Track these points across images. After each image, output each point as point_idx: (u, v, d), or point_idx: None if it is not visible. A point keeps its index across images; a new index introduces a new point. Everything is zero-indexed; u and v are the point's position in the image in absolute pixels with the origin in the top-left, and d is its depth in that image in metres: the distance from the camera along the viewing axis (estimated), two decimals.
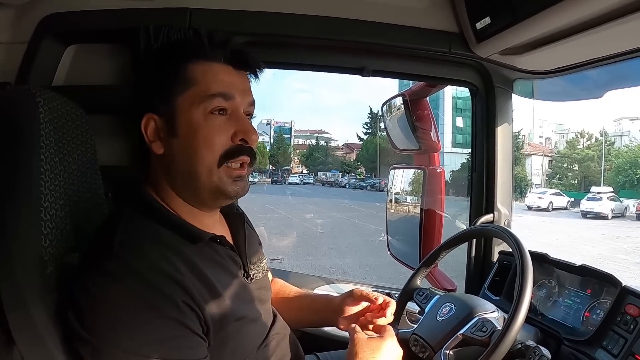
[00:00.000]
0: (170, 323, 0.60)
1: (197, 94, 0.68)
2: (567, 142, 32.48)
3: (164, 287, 0.61)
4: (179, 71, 0.69)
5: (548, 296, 1.10)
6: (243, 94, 0.72)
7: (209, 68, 0.70)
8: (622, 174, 25.28)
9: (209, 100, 0.68)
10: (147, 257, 0.62)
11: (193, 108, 0.68)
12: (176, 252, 0.65)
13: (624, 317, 0.90)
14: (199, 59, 0.70)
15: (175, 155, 0.69)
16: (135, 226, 0.67)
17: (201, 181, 0.69)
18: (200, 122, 0.68)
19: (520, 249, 0.88)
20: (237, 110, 0.71)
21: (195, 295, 0.63)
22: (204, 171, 0.68)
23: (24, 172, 0.67)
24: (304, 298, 1.01)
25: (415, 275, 1.08)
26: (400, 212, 1.77)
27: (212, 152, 0.68)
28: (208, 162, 0.68)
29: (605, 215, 17.33)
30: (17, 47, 1.04)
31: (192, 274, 0.65)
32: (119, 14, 1.04)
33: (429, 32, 1.12)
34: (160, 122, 0.70)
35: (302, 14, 1.09)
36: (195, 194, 0.71)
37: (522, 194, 24.32)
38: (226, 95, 0.69)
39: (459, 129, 29.66)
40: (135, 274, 0.60)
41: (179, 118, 0.68)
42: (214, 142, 0.68)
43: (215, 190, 0.70)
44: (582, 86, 1.22)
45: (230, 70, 0.72)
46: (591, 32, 0.87)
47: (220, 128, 0.69)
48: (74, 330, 0.60)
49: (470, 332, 0.88)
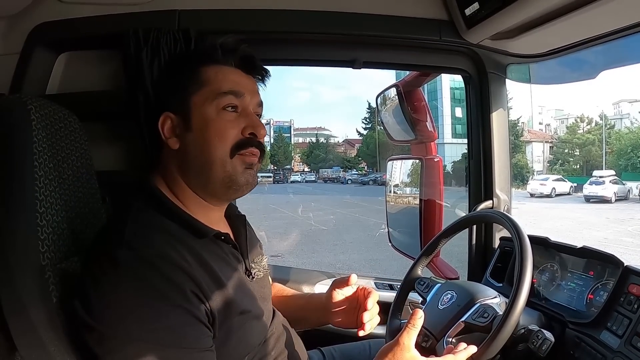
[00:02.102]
0: (179, 311, 0.62)
1: (211, 92, 0.74)
2: (567, 128, 32.36)
3: (174, 276, 0.62)
4: (193, 73, 0.75)
5: (551, 280, 1.10)
6: (252, 94, 0.77)
7: (220, 70, 0.76)
8: (624, 157, 25.17)
9: (222, 97, 0.74)
10: (157, 246, 0.64)
11: (207, 104, 0.73)
12: (183, 244, 0.67)
13: (627, 297, 0.90)
14: (212, 62, 0.76)
15: (190, 149, 0.74)
16: (145, 218, 0.69)
17: (214, 171, 0.73)
18: (213, 117, 0.73)
19: (518, 232, 0.87)
20: (247, 108, 0.76)
21: (203, 285, 0.65)
22: (217, 161, 0.73)
23: (18, 179, 0.67)
24: (299, 298, 1.03)
25: (415, 265, 1.08)
26: (400, 203, 1.77)
27: (224, 143, 0.73)
28: (221, 152, 0.73)
29: (608, 198, 17.26)
30: (9, 58, 1.05)
31: (199, 265, 0.67)
32: (108, 19, 1.05)
33: (418, 21, 1.12)
34: (176, 119, 0.75)
35: (290, 10, 1.09)
36: (207, 185, 0.75)
37: (523, 181, 24.25)
38: (237, 93, 0.75)
39: (458, 120, 29.55)
40: (146, 262, 0.62)
41: (194, 114, 0.74)
42: (226, 134, 0.73)
43: (228, 180, 0.74)
44: (575, 67, 1.22)
45: (240, 72, 0.78)
46: (581, 11, 0.86)
47: (231, 123, 0.74)
48: (80, 319, 0.61)
49: (472, 318, 0.88)
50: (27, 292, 0.63)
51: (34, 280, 0.64)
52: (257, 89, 0.80)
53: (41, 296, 0.64)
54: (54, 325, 0.63)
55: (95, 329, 0.60)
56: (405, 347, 0.74)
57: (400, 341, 0.75)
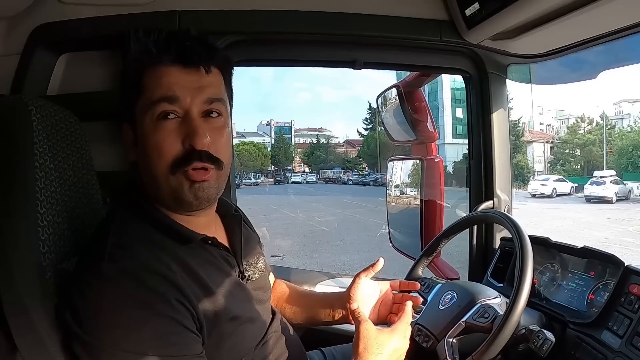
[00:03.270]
0: (165, 321, 0.61)
1: (146, 101, 0.67)
2: (568, 128, 32.27)
3: (157, 286, 0.61)
4: (132, 80, 0.69)
5: (552, 280, 1.10)
6: (193, 93, 0.67)
7: (153, 72, 0.67)
8: (625, 156, 25.11)
9: (154, 106, 0.66)
10: (139, 257, 0.63)
11: (144, 116, 0.67)
12: (167, 252, 0.66)
13: (628, 297, 0.90)
14: (147, 64, 0.68)
15: (140, 163, 0.69)
16: (128, 228, 0.67)
17: (160, 188, 0.68)
18: (150, 130, 0.66)
19: (519, 232, 0.88)
20: (189, 112, 0.67)
21: (188, 293, 0.64)
22: (160, 178, 0.67)
23: (18, 179, 0.67)
24: (312, 295, 1.01)
25: (416, 265, 1.08)
26: (400, 204, 1.77)
27: (162, 159, 0.66)
28: (161, 170, 0.66)
29: (609, 199, 17.22)
30: (10, 59, 1.05)
31: (184, 273, 0.66)
32: (109, 20, 1.05)
33: (419, 22, 1.11)
34: (130, 131, 0.70)
35: (291, 10, 1.09)
36: (162, 199, 0.70)
37: (524, 181, 24.21)
38: (170, 98, 0.66)
39: (459, 120, 29.49)
40: (128, 275, 0.61)
41: (138, 127, 0.68)
42: (162, 148, 0.66)
43: (174, 197, 0.68)
44: (576, 68, 1.21)
45: (177, 70, 0.68)
46: (582, 11, 0.86)
47: (169, 134, 0.66)
48: (71, 331, 0.61)
49: (473, 319, 0.88)
50: (28, 292, 0.63)
51: (34, 280, 0.64)
52: (203, 83, 0.68)
53: (42, 297, 0.64)
54: (54, 325, 0.63)
55: (85, 340, 0.60)
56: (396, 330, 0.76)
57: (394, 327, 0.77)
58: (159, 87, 0.66)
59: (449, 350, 0.86)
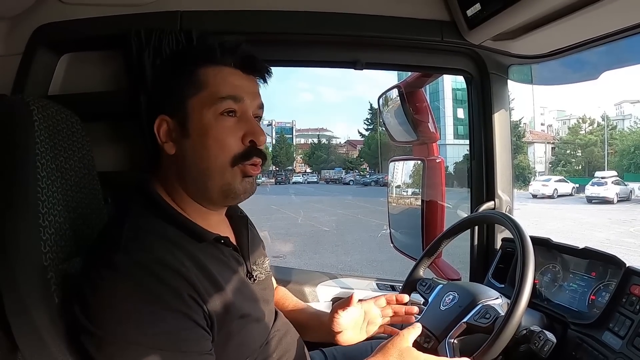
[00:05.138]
0: (177, 315, 0.62)
1: (209, 97, 0.70)
2: (569, 128, 32.27)
3: (171, 281, 0.62)
4: (191, 75, 0.72)
5: (553, 281, 1.09)
6: (252, 97, 0.74)
7: (219, 72, 0.72)
8: (626, 157, 25.05)
9: (220, 102, 0.70)
10: (153, 251, 0.64)
11: (204, 110, 0.70)
12: (181, 248, 0.67)
13: (629, 298, 0.89)
14: (210, 63, 0.72)
15: (187, 155, 0.71)
16: (143, 222, 0.68)
17: (212, 179, 0.71)
18: (211, 124, 0.70)
19: (520, 233, 0.87)
20: (246, 113, 0.73)
21: (200, 289, 0.64)
22: (216, 170, 0.71)
23: (20, 179, 0.68)
24: (300, 313, 0.99)
25: (417, 265, 1.08)
26: (402, 204, 1.77)
27: (225, 152, 0.70)
28: (221, 161, 0.70)
29: (610, 199, 17.19)
30: (11, 59, 1.06)
31: (197, 269, 0.66)
32: (111, 20, 1.05)
33: (420, 22, 1.12)
34: (172, 123, 0.72)
35: (293, 11, 1.10)
36: (204, 192, 0.73)
37: (526, 182, 24.18)
38: (236, 98, 0.71)
39: (460, 121, 29.50)
40: (142, 267, 0.61)
41: (191, 120, 0.71)
42: (225, 142, 0.70)
43: (226, 188, 0.72)
44: (577, 68, 1.21)
45: (239, 74, 0.74)
46: (583, 12, 0.86)
47: (230, 129, 0.71)
48: (79, 324, 0.61)
49: (474, 319, 0.88)
50: (29, 292, 0.64)
51: (36, 280, 0.65)
52: (257, 90, 0.76)
53: (43, 297, 0.64)
54: (55, 325, 0.63)
55: (95, 334, 0.60)
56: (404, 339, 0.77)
57: (403, 333, 0.77)
58: (226, 85, 0.71)
59: (450, 351, 0.86)
